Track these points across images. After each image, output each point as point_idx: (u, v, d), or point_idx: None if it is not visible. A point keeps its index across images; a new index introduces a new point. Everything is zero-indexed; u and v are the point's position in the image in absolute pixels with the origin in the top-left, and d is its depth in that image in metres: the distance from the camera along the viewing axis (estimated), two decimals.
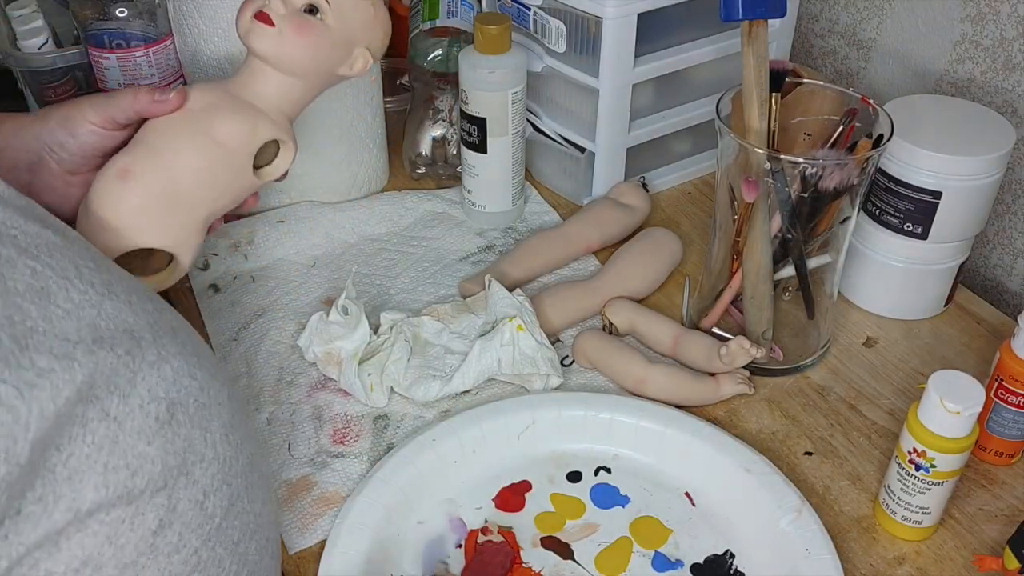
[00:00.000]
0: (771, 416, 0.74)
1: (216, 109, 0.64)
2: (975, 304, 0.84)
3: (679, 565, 0.63)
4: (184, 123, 0.64)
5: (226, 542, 0.48)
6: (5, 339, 0.40)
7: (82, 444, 0.41)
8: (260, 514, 0.52)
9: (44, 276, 0.44)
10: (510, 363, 0.73)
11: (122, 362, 0.44)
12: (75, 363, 0.42)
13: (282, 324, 0.81)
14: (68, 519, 0.41)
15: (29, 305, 0.42)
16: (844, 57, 1.03)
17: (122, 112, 0.63)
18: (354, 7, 0.67)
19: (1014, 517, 0.67)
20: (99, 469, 0.42)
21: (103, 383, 0.43)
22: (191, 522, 0.46)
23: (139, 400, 0.44)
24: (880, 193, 0.78)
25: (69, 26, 0.94)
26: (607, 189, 0.93)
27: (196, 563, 0.46)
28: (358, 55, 0.68)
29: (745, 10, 0.67)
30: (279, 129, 0.66)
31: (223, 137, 0.64)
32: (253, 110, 0.65)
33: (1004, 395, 0.67)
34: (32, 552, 0.40)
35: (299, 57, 0.65)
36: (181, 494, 0.46)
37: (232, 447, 0.50)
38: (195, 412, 0.47)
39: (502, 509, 0.67)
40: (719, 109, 0.71)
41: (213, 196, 0.65)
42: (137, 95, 0.63)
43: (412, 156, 0.98)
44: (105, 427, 0.42)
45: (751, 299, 0.75)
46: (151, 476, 0.44)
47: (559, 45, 0.88)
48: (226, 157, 0.64)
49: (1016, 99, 0.86)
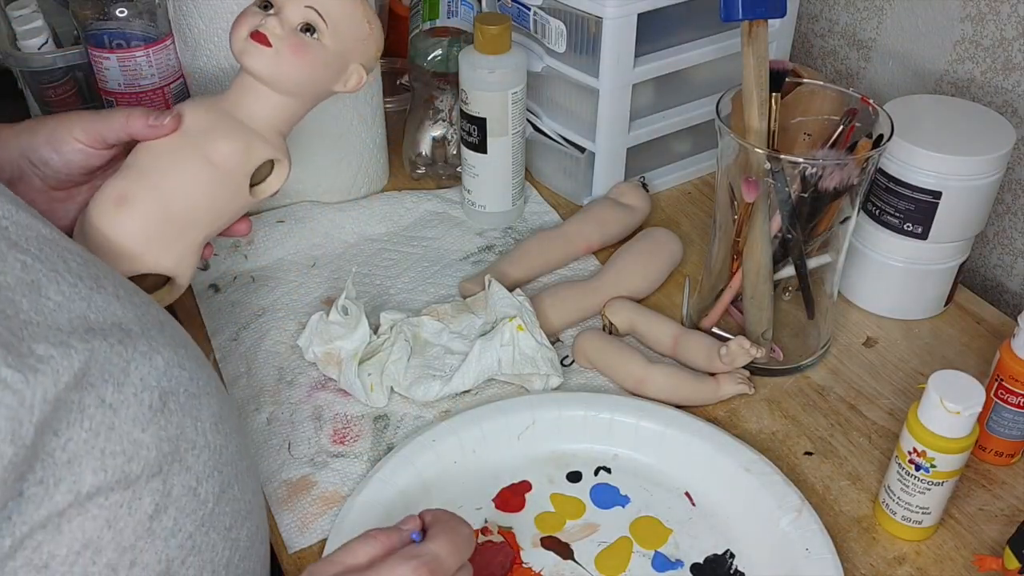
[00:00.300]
0: (771, 416, 0.74)
1: (211, 132, 0.63)
2: (975, 304, 0.84)
3: (679, 565, 0.63)
4: (179, 147, 0.63)
5: (219, 527, 0.50)
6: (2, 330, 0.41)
7: (80, 429, 0.43)
8: (250, 501, 0.54)
9: (34, 270, 0.45)
10: (510, 363, 0.73)
11: (115, 351, 0.45)
12: (72, 350, 0.43)
13: (282, 324, 0.81)
14: (69, 501, 0.42)
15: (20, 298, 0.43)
16: (844, 57, 1.03)
17: (113, 133, 0.62)
18: (349, 25, 0.66)
19: (1014, 517, 0.67)
20: (97, 454, 0.43)
21: (98, 371, 0.44)
22: (185, 507, 0.47)
23: (133, 389, 0.46)
24: (880, 193, 0.78)
25: (69, 26, 0.94)
26: (607, 189, 0.93)
27: (191, 547, 0.48)
28: (352, 71, 0.68)
29: (745, 10, 0.67)
30: (273, 148, 0.66)
31: (219, 160, 0.63)
32: (247, 131, 0.64)
33: (1004, 395, 0.67)
34: (35, 533, 0.41)
35: (295, 77, 0.64)
36: (175, 480, 0.47)
37: (222, 436, 0.51)
38: (185, 401, 0.49)
39: (502, 509, 0.67)
40: (719, 109, 0.71)
41: (210, 218, 0.65)
42: (130, 118, 0.62)
43: (412, 156, 0.99)
44: (101, 414, 0.44)
45: (751, 299, 0.75)
46: (146, 462, 0.45)
47: (559, 45, 0.88)
48: (222, 180, 0.64)
49: (1016, 99, 0.86)
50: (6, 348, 0.40)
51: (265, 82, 0.64)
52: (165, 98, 0.88)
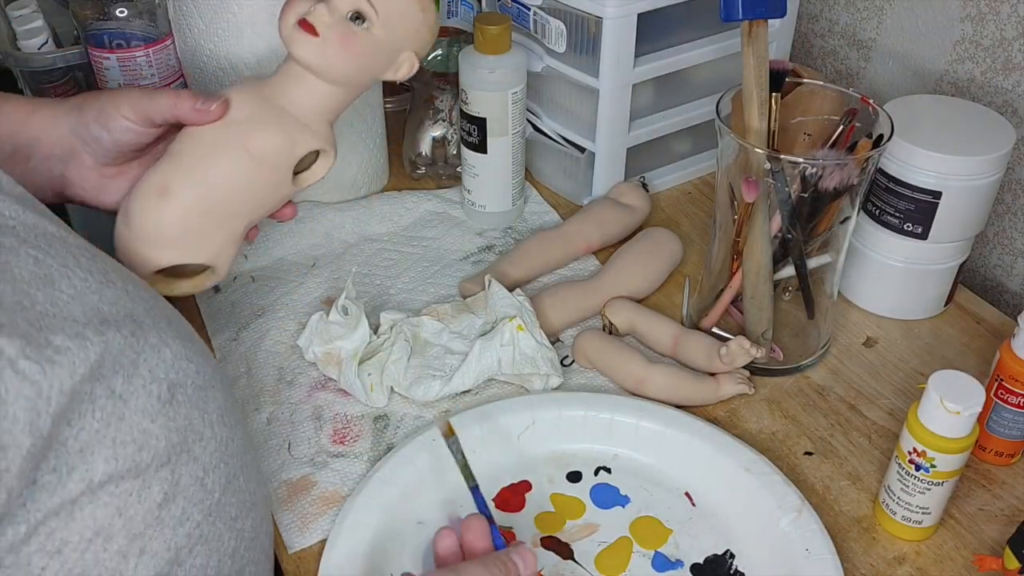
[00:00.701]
0: (771, 416, 0.74)
1: (255, 121, 0.62)
2: (975, 304, 0.84)
3: (679, 565, 0.63)
4: (223, 136, 0.62)
5: (225, 517, 0.51)
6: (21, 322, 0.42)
7: (91, 419, 0.44)
8: (255, 493, 0.55)
9: (46, 264, 0.46)
10: (510, 363, 0.73)
11: (127, 343, 0.46)
12: (87, 342, 0.44)
13: (282, 324, 0.81)
14: (81, 489, 0.43)
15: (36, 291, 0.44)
16: (844, 57, 1.03)
17: (160, 114, 0.62)
18: (401, 13, 0.64)
19: (1014, 517, 0.67)
20: (108, 443, 0.44)
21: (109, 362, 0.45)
22: (193, 497, 0.48)
23: (142, 380, 0.46)
24: (880, 193, 0.78)
25: (69, 26, 0.94)
26: (607, 189, 0.94)
27: (199, 536, 0.49)
28: (404, 60, 0.65)
29: (745, 10, 0.67)
30: (319, 138, 0.65)
31: (261, 152, 0.62)
32: (292, 122, 0.63)
33: (1004, 395, 0.67)
34: (48, 520, 0.42)
35: (343, 68, 0.62)
36: (183, 470, 0.48)
37: (228, 428, 0.52)
38: (193, 393, 0.50)
39: (502, 509, 0.67)
40: (719, 109, 0.71)
41: (251, 208, 0.64)
42: (179, 100, 0.62)
43: (412, 156, 0.99)
44: (112, 404, 0.45)
45: (751, 299, 0.75)
46: (155, 451, 0.46)
47: (559, 45, 0.88)
48: (265, 171, 0.63)
49: (1016, 99, 0.86)
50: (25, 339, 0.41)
51: (312, 71, 0.63)
52: None
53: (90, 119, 0.63)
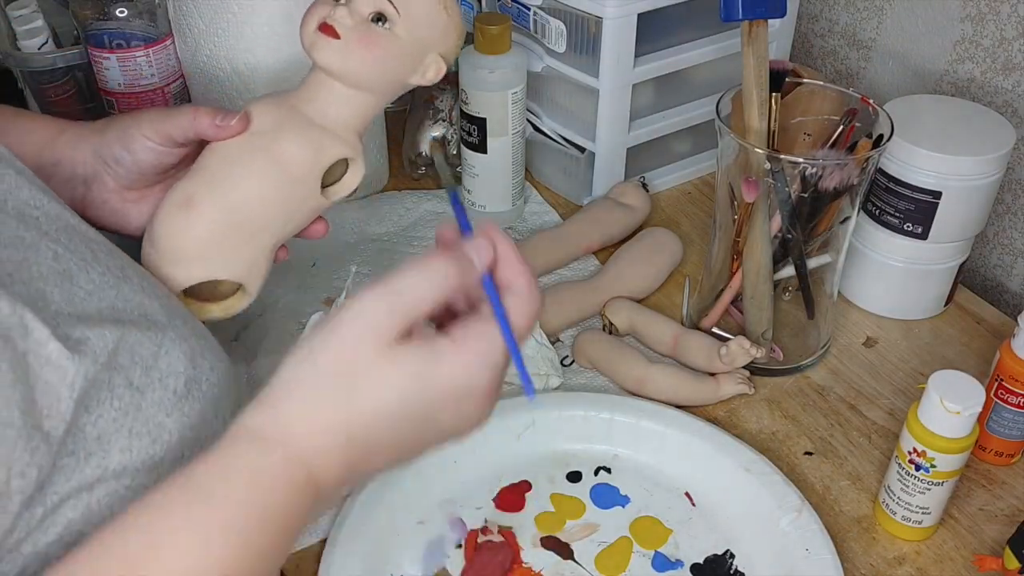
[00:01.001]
0: (771, 416, 0.74)
1: (279, 132, 0.60)
2: (975, 304, 0.84)
3: (679, 565, 0.63)
4: (247, 149, 0.60)
5: None
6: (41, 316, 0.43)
7: (109, 408, 0.45)
8: None
9: (65, 259, 0.47)
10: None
11: (146, 336, 0.48)
12: (105, 332, 0.45)
13: (282, 324, 0.81)
14: (97, 476, 0.44)
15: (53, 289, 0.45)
16: (844, 57, 1.03)
17: (180, 132, 0.61)
18: (426, 14, 0.62)
19: (1014, 517, 0.67)
20: (124, 433, 0.45)
21: (127, 354, 0.46)
22: None
23: (159, 374, 0.47)
24: (880, 193, 0.78)
25: (69, 26, 0.94)
26: (607, 189, 0.93)
27: None
28: (431, 63, 0.63)
29: (745, 10, 0.67)
30: (346, 147, 0.63)
31: (287, 163, 0.60)
32: (318, 130, 0.61)
33: (1004, 395, 0.67)
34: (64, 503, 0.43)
35: (366, 71, 0.60)
36: None
37: None
38: (207, 390, 0.50)
39: (502, 509, 0.67)
40: (719, 109, 0.71)
41: (280, 222, 0.62)
42: (197, 116, 0.60)
43: (412, 156, 0.98)
44: (129, 395, 0.46)
45: (751, 299, 0.75)
46: (169, 446, 0.47)
47: (559, 45, 0.88)
48: (291, 183, 0.61)
49: (1016, 99, 0.86)
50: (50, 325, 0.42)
51: (335, 76, 0.61)
52: (165, 98, 0.88)
53: (112, 140, 0.62)
